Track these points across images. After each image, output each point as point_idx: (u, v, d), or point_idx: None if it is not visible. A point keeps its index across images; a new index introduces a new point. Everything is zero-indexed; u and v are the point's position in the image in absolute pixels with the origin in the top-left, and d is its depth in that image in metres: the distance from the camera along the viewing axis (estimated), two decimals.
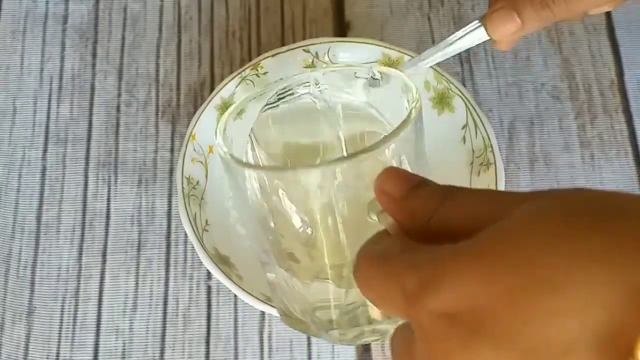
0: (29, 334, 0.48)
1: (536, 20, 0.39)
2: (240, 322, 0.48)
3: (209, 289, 0.49)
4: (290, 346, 0.47)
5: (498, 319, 0.21)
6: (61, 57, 0.56)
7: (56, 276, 0.49)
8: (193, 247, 0.46)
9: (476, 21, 0.42)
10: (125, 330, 0.48)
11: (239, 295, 0.44)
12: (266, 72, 0.51)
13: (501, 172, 0.47)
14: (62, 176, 0.52)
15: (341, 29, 0.57)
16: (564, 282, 0.20)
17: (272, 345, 0.47)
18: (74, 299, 0.49)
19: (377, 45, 0.51)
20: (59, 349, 0.47)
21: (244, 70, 0.50)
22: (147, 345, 0.47)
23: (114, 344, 0.47)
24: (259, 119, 0.42)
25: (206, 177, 0.49)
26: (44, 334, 0.48)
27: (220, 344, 0.47)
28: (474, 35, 0.42)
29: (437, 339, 0.23)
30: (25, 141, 0.54)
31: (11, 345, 0.47)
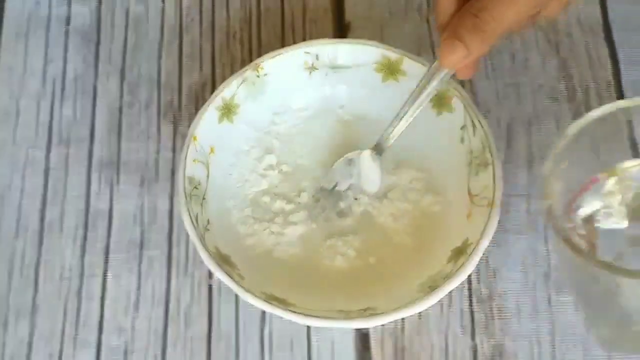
0: (32, 333, 0.48)
1: (478, 43, 0.41)
2: (241, 321, 0.48)
3: (210, 288, 0.49)
4: (291, 345, 0.47)
5: None
6: (64, 58, 0.57)
7: (59, 275, 0.50)
8: (194, 246, 0.46)
9: (434, 63, 0.44)
10: (128, 329, 0.48)
11: (240, 294, 0.44)
12: (267, 73, 0.51)
13: (499, 172, 0.47)
14: (65, 176, 0.53)
15: (341, 29, 0.57)
16: None
17: (272, 344, 0.47)
18: (76, 298, 0.49)
19: (377, 46, 0.51)
20: (62, 348, 0.48)
21: (244, 71, 0.51)
22: (149, 344, 0.48)
23: (116, 342, 0.48)
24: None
25: (207, 178, 0.49)
26: (47, 332, 0.48)
27: (222, 343, 0.48)
28: (438, 75, 0.44)
29: None
30: (28, 142, 0.54)
31: (15, 344, 0.48)
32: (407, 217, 0.49)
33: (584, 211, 0.41)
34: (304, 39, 0.57)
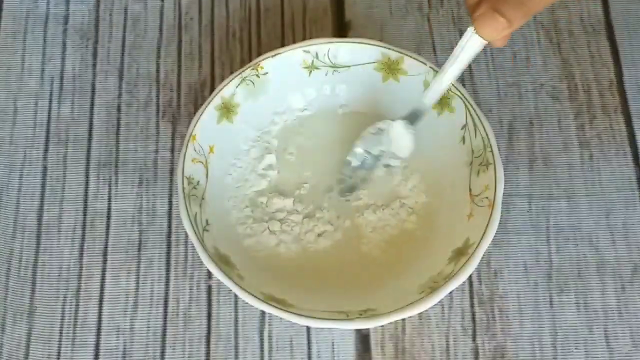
0: (30, 334, 0.48)
1: (520, 16, 0.41)
2: (240, 321, 0.48)
3: (209, 288, 0.49)
4: (290, 345, 0.47)
5: None
6: (62, 57, 0.57)
7: (57, 276, 0.50)
8: (193, 246, 0.46)
9: (469, 29, 0.43)
10: (126, 329, 0.48)
11: (239, 294, 0.44)
12: (266, 73, 0.51)
13: (500, 172, 0.47)
14: (63, 176, 0.53)
15: (341, 29, 0.57)
16: None
17: (272, 344, 0.47)
18: (74, 298, 0.49)
19: (377, 45, 0.51)
20: (60, 349, 0.48)
21: (244, 71, 0.51)
22: (148, 344, 0.48)
23: (114, 343, 0.48)
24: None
25: (206, 177, 0.49)
26: (45, 333, 0.48)
27: (221, 343, 0.47)
28: (473, 42, 0.43)
29: None
30: (26, 141, 0.54)
31: (12, 344, 0.48)
32: (408, 218, 0.49)
33: None
34: (303, 38, 0.56)
